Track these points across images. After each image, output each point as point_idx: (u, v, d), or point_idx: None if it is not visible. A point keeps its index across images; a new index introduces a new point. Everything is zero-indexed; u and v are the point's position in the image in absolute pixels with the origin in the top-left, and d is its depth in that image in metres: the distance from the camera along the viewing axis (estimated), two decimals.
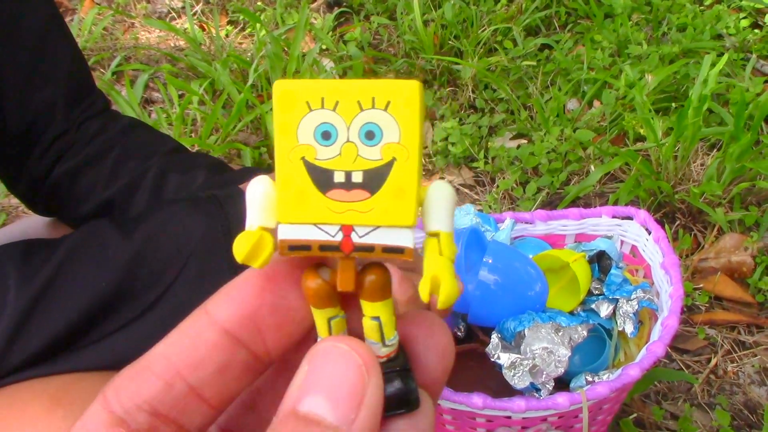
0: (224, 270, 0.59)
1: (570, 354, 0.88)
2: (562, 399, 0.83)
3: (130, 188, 0.77)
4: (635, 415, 1.13)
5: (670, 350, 1.24)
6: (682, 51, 1.89)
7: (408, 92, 0.24)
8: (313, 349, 0.23)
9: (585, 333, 0.89)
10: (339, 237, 0.24)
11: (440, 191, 0.25)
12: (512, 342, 0.89)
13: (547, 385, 0.88)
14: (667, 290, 0.94)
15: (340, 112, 0.24)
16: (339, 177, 0.24)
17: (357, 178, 0.24)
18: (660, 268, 0.98)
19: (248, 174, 0.75)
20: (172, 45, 2.19)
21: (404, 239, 0.24)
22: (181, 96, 1.81)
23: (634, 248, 1.07)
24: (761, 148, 1.50)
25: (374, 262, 0.25)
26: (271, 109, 1.64)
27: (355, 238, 0.24)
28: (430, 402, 0.25)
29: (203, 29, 2.16)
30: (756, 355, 1.24)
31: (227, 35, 2.19)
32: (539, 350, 0.87)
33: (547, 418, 0.88)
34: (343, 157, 0.24)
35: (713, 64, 1.62)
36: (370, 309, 0.25)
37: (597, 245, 1.01)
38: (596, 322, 0.94)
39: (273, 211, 0.25)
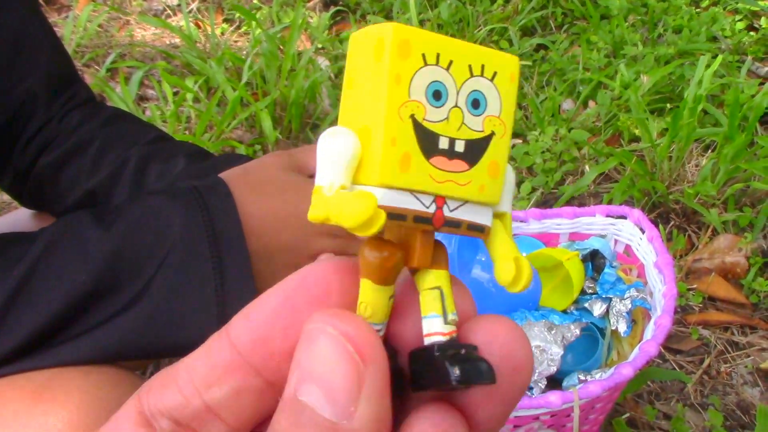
0: (206, 263, 0.58)
1: (562, 352, 0.87)
2: (554, 397, 0.82)
3: (111, 179, 0.76)
4: (628, 414, 1.13)
5: (663, 350, 1.24)
6: (678, 52, 1.89)
7: (513, 67, 0.23)
8: (305, 327, 0.21)
9: (578, 332, 0.89)
10: (432, 209, 0.22)
11: (509, 173, 0.24)
12: None
13: (540, 384, 0.88)
14: (661, 289, 0.94)
15: (453, 72, 0.22)
16: (444, 143, 0.22)
17: (459, 147, 0.22)
18: (653, 267, 0.98)
19: (229, 161, 0.74)
20: (168, 42, 2.18)
21: (487, 218, 0.23)
22: (175, 93, 1.81)
23: (627, 247, 1.07)
24: (756, 149, 1.50)
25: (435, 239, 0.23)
26: (266, 107, 1.64)
27: (446, 212, 0.22)
28: None
29: (198, 27, 2.15)
30: (749, 356, 1.24)
31: (223, 33, 2.19)
32: (532, 348, 0.87)
33: (539, 417, 0.88)
34: (450, 122, 0.22)
35: (708, 66, 1.62)
36: (431, 279, 0.23)
37: (591, 244, 1.01)
38: (589, 320, 0.94)
39: (354, 171, 0.22)
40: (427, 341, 0.22)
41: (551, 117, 1.71)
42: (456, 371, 0.21)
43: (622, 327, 0.93)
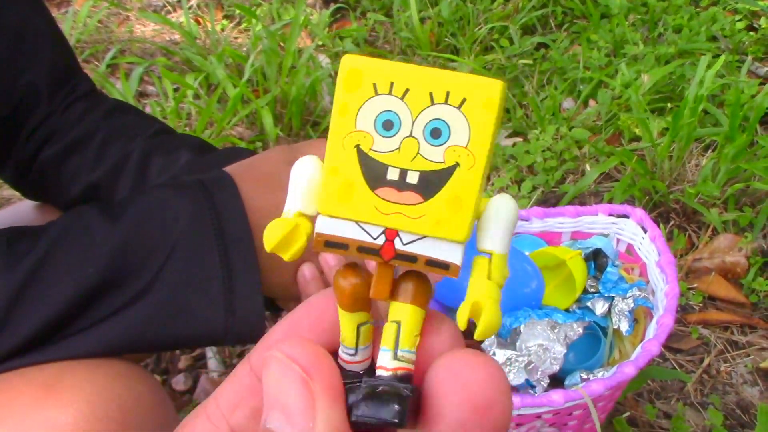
0: (213, 256, 0.58)
1: (565, 351, 0.88)
2: (557, 396, 0.83)
3: (114, 172, 0.76)
4: (628, 413, 1.13)
5: (663, 349, 1.24)
6: (678, 52, 1.89)
7: (489, 92, 0.21)
8: (264, 356, 0.22)
9: (581, 330, 0.89)
10: (381, 240, 0.22)
11: (502, 206, 0.22)
12: (507, 338, 0.89)
13: (542, 382, 0.88)
14: (663, 288, 0.94)
15: (408, 101, 0.21)
16: (393, 174, 0.21)
17: (412, 178, 0.21)
18: (656, 266, 0.98)
19: (233, 155, 0.74)
20: (168, 38, 2.18)
21: (452, 255, 0.22)
22: (176, 90, 1.80)
23: (629, 246, 1.07)
24: (756, 149, 1.50)
25: (415, 271, 0.23)
26: (268, 104, 1.64)
27: (398, 245, 0.22)
28: None
29: (198, 23, 2.15)
30: (749, 356, 1.25)
31: (223, 29, 2.18)
32: (534, 347, 0.87)
33: (541, 416, 0.88)
34: (401, 152, 0.21)
35: (709, 66, 1.62)
36: (393, 312, 0.22)
37: (593, 243, 1.01)
38: (591, 319, 0.94)
39: (316, 198, 0.22)
40: (378, 373, 0.22)
41: (552, 116, 1.72)
42: (359, 409, 0.21)
43: (624, 326, 0.93)
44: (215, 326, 0.58)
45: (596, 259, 1.00)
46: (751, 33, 2.01)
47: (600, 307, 0.94)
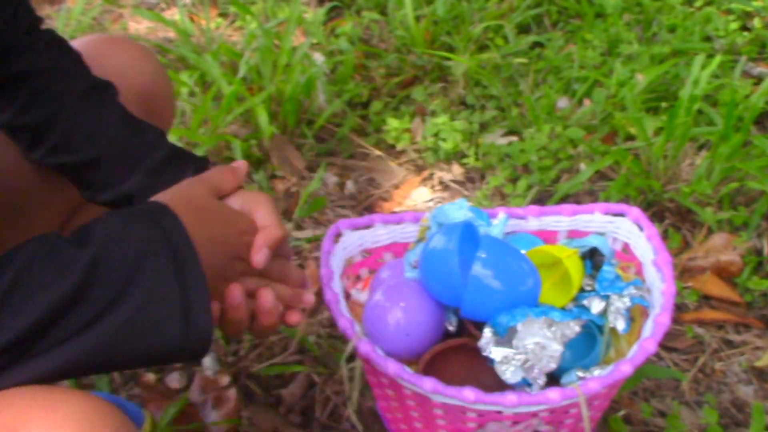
0: (170, 275, 0.61)
1: (562, 349, 0.87)
2: (554, 394, 0.83)
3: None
4: (623, 411, 1.13)
5: (658, 348, 1.24)
6: (672, 51, 1.90)
7: None
8: None
9: (577, 328, 0.89)
10: None
11: None
12: (504, 336, 0.89)
13: (539, 381, 0.88)
14: (659, 287, 0.95)
15: None
16: None
17: None
18: (652, 265, 0.98)
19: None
20: (162, 36, 2.17)
21: None
22: None
23: (625, 245, 1.07)
24: (750, 148, 1.51)
25: None
26: (263, 102, 1.63)
27: None
28: None
29: (193, 21, 2.14)
30: (743, 354, 1.25)
31: (217, 27, 2.18)
32: (531, 345, 0.87)
33: (538, 414, 0.88)
34: None
35: (704, 66, 1.62)
36: None
37: (589, 242, 1.01)
38: (588, 318, 0.94)
39: None
40: None
41: (547, 115, 1.72)
42: None
43: (621, 325, 0.93)
44: (174, 340, 0.61)
45: (593, 258, 1.00)
46: (745, 33, 2.01)
47: (596, 306, 0.94)
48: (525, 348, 0.87)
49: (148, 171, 0.82)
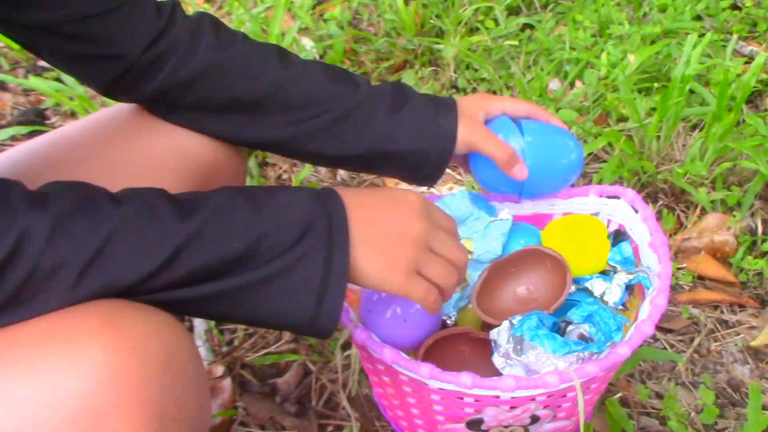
0: (319, 255, 0.67)
1: (567, 366, 0.85)
2: (552, 378, 0.82)
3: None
4: (620, 394, 1.13)
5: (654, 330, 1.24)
6: (663, 31, 1.88)
7: None
8: None
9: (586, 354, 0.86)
10: None
11: None
12: (516, 336, 0.87)
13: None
14: (655, 269, 0.94)
15: None
16: None
17: None
18: (648, 247, 0.98)
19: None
20: None
21: None
22: None
23: (621, 227, 1.06)
24: (743, 128, 1.50)
25: None
26: None
27: None
28: None
29: None
30: (738, 334, 1.25)
31: None
32: (537, 355, 0.85)
33: (535, 398, 0.87)
34: None
35: (695, 45, 1.61)
36: None
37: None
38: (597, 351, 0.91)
39: None
40: None
41: (539, 97, 1.70)
42: None
43: (614, 297, 0.93)
44: (303, 314, 0.66)
45: (616, 239, 1.01)
46: (735, 12, 2.00)
47: (599, 288, 0.94)
48: (528, 356, 0.85)
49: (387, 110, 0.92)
